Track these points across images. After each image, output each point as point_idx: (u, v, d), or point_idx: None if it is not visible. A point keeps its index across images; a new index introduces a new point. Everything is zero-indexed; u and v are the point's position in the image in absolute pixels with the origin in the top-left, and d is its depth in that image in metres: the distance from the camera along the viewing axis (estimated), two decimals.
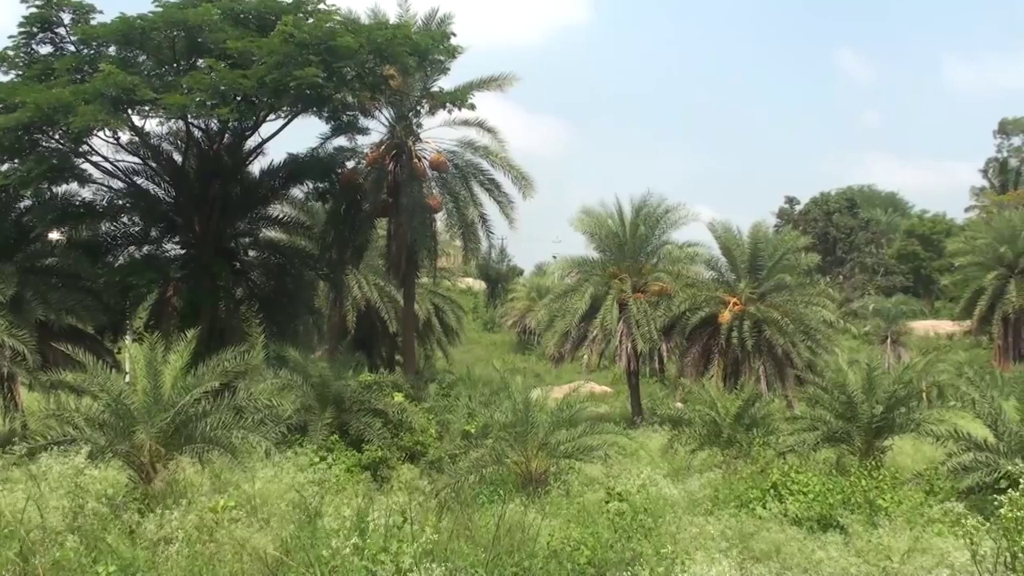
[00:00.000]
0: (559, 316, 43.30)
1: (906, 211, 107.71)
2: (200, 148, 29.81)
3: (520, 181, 34.18)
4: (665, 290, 41.46)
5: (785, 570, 10.81)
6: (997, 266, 59.42)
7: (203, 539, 10.20)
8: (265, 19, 26.82)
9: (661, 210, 43.00)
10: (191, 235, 29.59)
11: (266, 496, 12.50)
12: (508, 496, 14.59)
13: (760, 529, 12.42)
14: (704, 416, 22.95)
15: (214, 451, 14.73)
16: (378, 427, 22.12)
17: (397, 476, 19.29)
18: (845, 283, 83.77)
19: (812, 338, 39.40)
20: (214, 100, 25.13)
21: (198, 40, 26.10)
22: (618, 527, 11.21)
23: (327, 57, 25.46)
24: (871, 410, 20.13)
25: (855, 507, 14.10)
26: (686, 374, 39.19)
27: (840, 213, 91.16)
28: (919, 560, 10.68)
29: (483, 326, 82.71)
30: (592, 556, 10.09)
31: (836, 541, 11.97)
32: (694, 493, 16.26)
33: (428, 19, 32.31)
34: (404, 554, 8.04)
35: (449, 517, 11.53)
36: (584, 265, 45.41)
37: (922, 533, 11.71)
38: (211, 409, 15.11)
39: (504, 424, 18.79)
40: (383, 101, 31.84)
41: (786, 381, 37.75)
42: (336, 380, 23.12)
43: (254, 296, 31.19)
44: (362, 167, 32.95)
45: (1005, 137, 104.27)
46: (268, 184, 31.20)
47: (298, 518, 10.80)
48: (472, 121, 33.66)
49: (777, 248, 41.45)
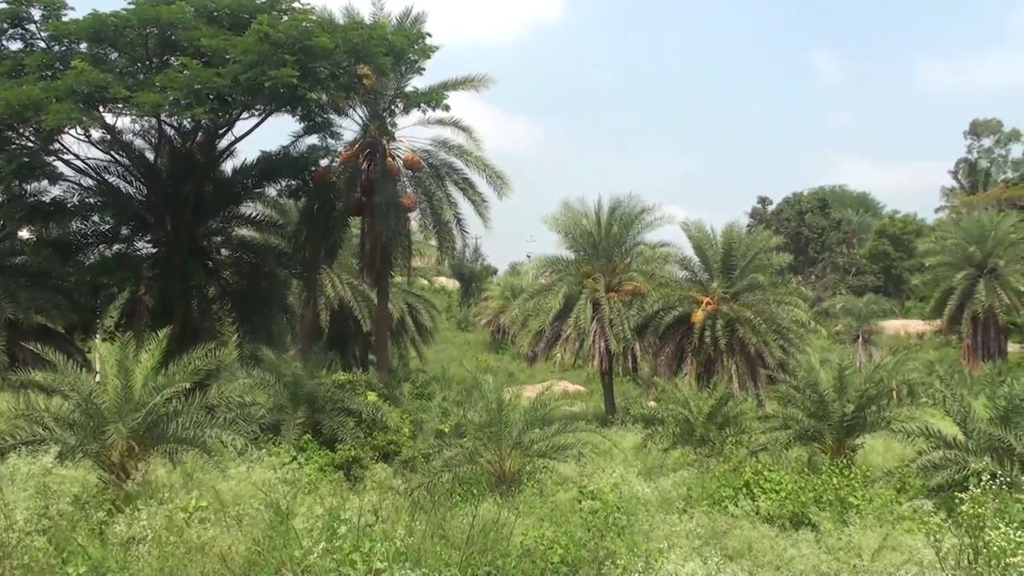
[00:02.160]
0: (533, 315, 43.37)
1: (877, 211, 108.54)
2: (173, 146, 29.61)
3: (495, 180, 34.23)
4: (639, 289, 41.63)
5: (757, 568, 10.88)
6: (966, 266, 59.96)
7: (174, 539, 10.15)
8: (239, 17, 26.67)
9: (636, 210, 43.22)
10: (163, 234, 29.37)
11: (237, 496, 12.45)
12: (482, 495, 14.62)
13: (732, 527, 12.49)
14: (677, 415, 23.07)
15: (185, 451, 14.66)
16: (351, 426, 22.09)
17: (370, 476, 19.27)
18: (817, 283, 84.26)
19: (784, 337, 39.63)
20: (188, 99, 24.93)
21: (171, 38, 25.91)
22: (591, 526, 11.24)
23: (302, 57, 25.36)
24: (842, 409, 20.27)
25: (826, 505, 14.20)
26: (659, 373, 39.33)
27: (812, 213, 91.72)
28: (889, 557, 10.78)
29: (457, 325, 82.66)
30: (565, 555, 10.13)
31: (807, 539, 12.06)
32: (667, 492, 16.31)
33: (402, 18, 32.29)
34: (376, 554, 8.04)
35: (422, 517, 11.52)
36: (558, 264, 45.55)
37: (892, 531, 11.82)
38: (183, 409, 15.04)
39: (478, 423, 18.81)
40: (357, 100, 31.76)
41: (758, 380, 37.96)
42: (309, 379, 23.06)
43: (227, 295, 31.02)
44: (336, 166, 32.86)
45: (976, 138, 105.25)
46: (241, 182, 31.05)
47: (269, 518, 10.76)
48: (447, 120, 33.67)
49: (750, 248, 41.65)
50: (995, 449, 15.79)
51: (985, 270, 59.18)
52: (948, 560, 9.12)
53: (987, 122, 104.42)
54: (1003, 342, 60.69)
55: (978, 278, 58.96)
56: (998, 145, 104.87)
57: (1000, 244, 59.69)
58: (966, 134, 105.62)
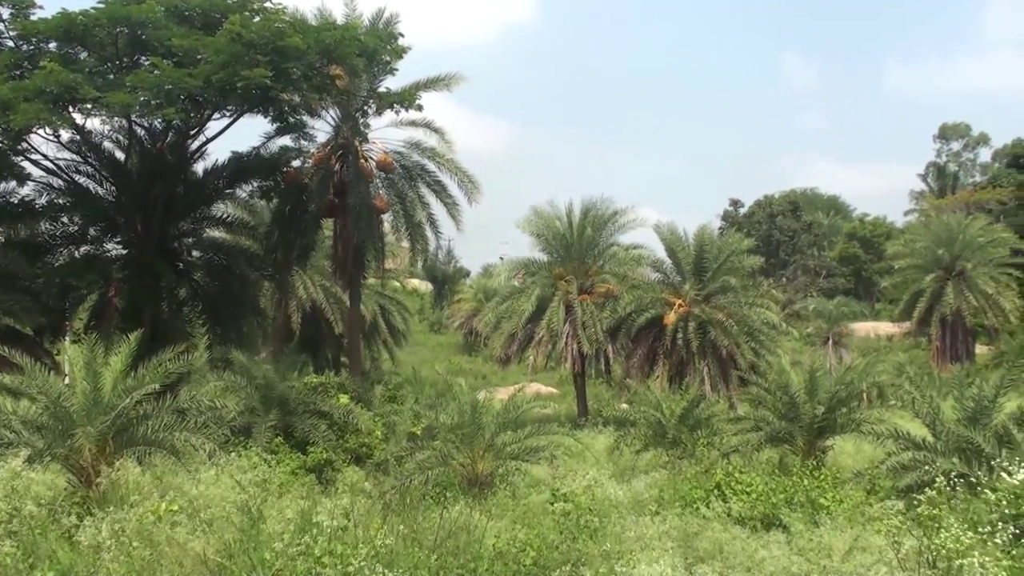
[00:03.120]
0: (506, 318, 43.41)
1: (847, 214, 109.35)
2: (143, 147, 29.42)
3: (466, 185, 34.26)
4: (611, 292, 41.76)
5: (728, 569, 10.92)
6: (935, 269, 60.52)
7: (144, 543, 10.07)
8: (211, 17, 26.54)
9: (608, 212, 43.39)
10: (133, 235, 29.17)
11: (208, 499, 12.36)
12: (454, 498, 14.59)
13: (704, 529, 12.52)
14: (649, 417, 23.13)
15: (156, 454, 14.54)
16: (323, 429, 21.98)
17: (342, 478, 19.18)
18: (788, 285, 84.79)
19: (756, 339, 39.85)
20: (159, 99, 24.79)
21: (142, 37, 25.74)
22: (563, 528, 11.25)
23: (275, 57, 25.27)
24: (813, 410, 20.38)
25: (797, 506, 14.25)
26: (632, 375, 39.45)
27: (783, 216, 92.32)
28: (859, 558, 10.84)
29: (430, 327, 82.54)
30: (538, 557, 10.13)
31: (778, 540, 12.10)
32: (639, 494, 16.36)
33: (375, 19, 32.21)
34: (348, 557, 8.01)
35: (394, 519, 11.49)
36: (531, 267, 45.66)
37: (862, 531, 11.89)
38: (153, 411, 14.92)
39: (450, 426, 18.77)
40: (330, 101, 31.66)
41: (730, 382, 38.15)
42: (281, 382, 22.94)
43: (198, 297, 30.82)
44: (308, 167, 32.75)
45: (945, 142, 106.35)
46: (212, 184, 30.87)
47: (241, 521, 10.70)
48: (419, 122, 33.63)
49: (722, 250, 41.84)
50: (963, 450, 15.93)
51: (954, 273, 59.75)
52: (908, 561, 9.22)
53: (956, 126, 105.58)
54: (971, 344, 61.27)
55: (947, 281, 59.52)
56: (967, 149, 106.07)
57: (968, 247, 60.30)
58: (935, 138, 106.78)
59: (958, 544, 8.56)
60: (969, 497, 11.78)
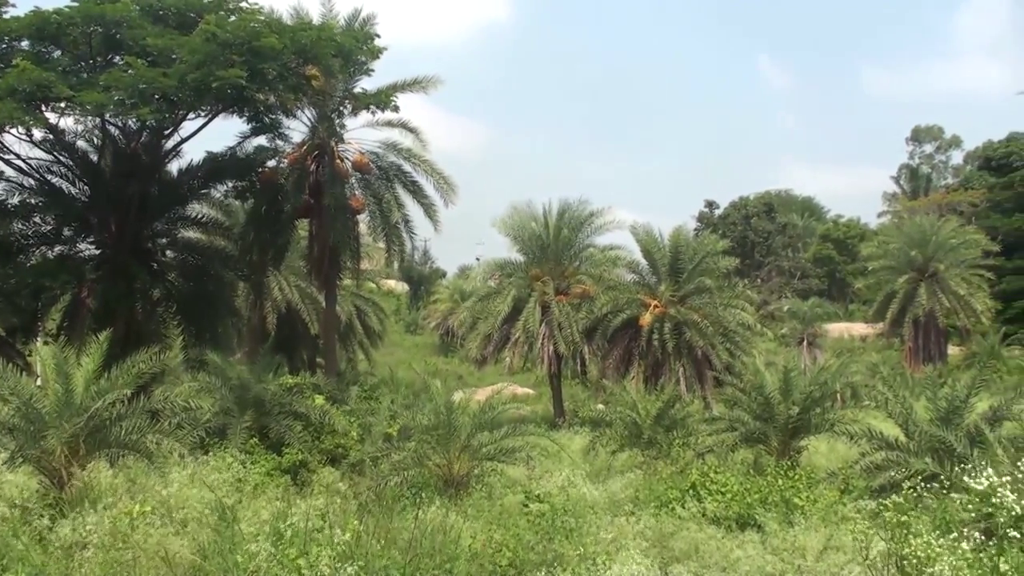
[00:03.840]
0: (482, 318, 43.39)
1: (821, 215, 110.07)
2: (117, 147, 29.21)
3: (442, 186, 34.26)
4: (587, 293, 41.83)
5: (703, 569, 10.98)
6: (908, 270, 60.98)
7: (117, 545, 10.01)
8: (186, 17, 26.42)
9: (584, 213, 43.47)
10: (107, 235, 28.94)
11: (182, 500, 12.31)
12: (430, 499, 14.58)
13: (679, 529, 12.59)
14: (625, 417, 23.17)
15: (129, 456, 14.47)
16: (299, 430, 21.89)
17: (318, 479, 19.13)
18: (763, 286, 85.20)
19: (731, 340, 40.02)
20: (133, 99, 24.62)
21: (116, 36, 25.58)
22: (539, 529, 11.27)
23: (250, 57, 25.16)
24: (788, 411, 20.49)
25: (772, 506, 14.34)
26: (607, 376, 39.49)
27: (758, 217, 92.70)
28: (833, 558, 10.93)
29: (406, 328, 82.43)
30: (513, 558, 10.15)
31: (753, 540, 12.18)
32: (615, 494, 16.41)
33: (351, 20, 32.16)
34: (323, 558, 7.99)
35: (370, 520, 11.47)
36: (507, 267, 45.63)
37: (836, 531, 11.98)
38: (126, 413, 14.83)
39: (426, 426, 18.75)
40: (305, 101, 31.57)
41: (705, 383, 38.30)
42: (256, 383, 22.83)
43: (172, 298, 30.61)
44: (284, 167, 32.64)
45: (917, 144, 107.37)
46: (187, 184, 30.68)
47: (215, 522, 10.65)
48: (395, 122, 33.61)
49: (697, 251, 41.99)
50: (936, 450, 16.06)
51: (926, 274, 60.23)
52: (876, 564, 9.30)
53: (929, 129, 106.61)
54: (944, 345, 61.76)
55: (919, 282, 59.99)
56: (939, 151, 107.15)
57: (941, 249, 60.80)
58: (908, 140, 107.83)
59: (928, 551, 8.63)
60: (941, 497, 11.88)
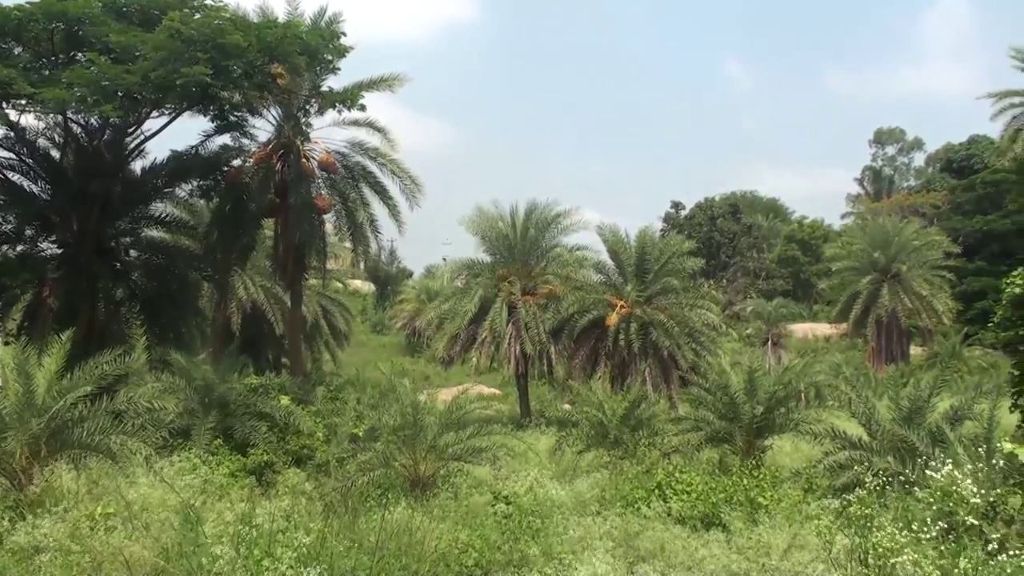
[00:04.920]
0: (448, 318, 43.27)
1: (786, 217, 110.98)
2: (79, 144, 28.89)
3: (409, 186, 34.12)
4: (554, 293, 41.88)
5: (669, 568, 11.02)
6: (871, 271, 61.59)
7: (78, 548, 9.89)
8: (149, 14, 26.18)
9: (551, 214, 43.48)
10: (69, 234, 28.61)
11: (146, 502, 12.19)
12: (396, 499, 14.53)
13: (645, 528, 12.62)
14: (591, 417, 23.22)
15: (91, 457, 14.31)
16: (264, 431, 21.75)
17: (283, 480, 19.03)
18: (728, 287, 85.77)
19: (696, 340, 40.17)
20: (95, 96, 24.36)
21: (78, 33, 25.30)
22: (506, 529, 11.26)
23: (215, 55, 24.97)
24: (752, 410, 20.62)
25: (737, 505, 14.42)
26: (574, 376, 39.54)
27: (724, 218, 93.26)
28: (797, 556, 10.99)
29: (372, 328, 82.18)
30: (480, 558, 10.14)
31: (718, 539, 12.24)
32: (581, 494, 16.43)
33: (317, 18, 31.94)
34: (286, 559, 7.94)
35: (336, 521, 11.41)
36: (474, 267, 45.55)
37: (800, 530, 12.06)
38: (88, 414, 14.68)
39: (393, 427, 18.70)
40: (271, 100, 31.36)
41: (671, 383, 38.42)
42: (221, 383, 22.67)
43: (135, 297, 30.32)
44: (249, 166, 32.39)
45: (880, 146, 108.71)
46: (151, 182, 30.39)
47: (178, 524, 10.56)
48: (362, 121, 33.43)
49: (663, 252, 42.16)
50: (898, 449, 16.25)
51: (889, 275, 60.86)
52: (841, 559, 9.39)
53: (891, 131, 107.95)
54: (906, 345, 62.43)
55: (882, 283, 60.62)
56: (901, 153, 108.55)
57: (903, 250, 61.47)
58: (871, 142, 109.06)
59: (892, 543, 8.72)
60: (903, 495, 12.01)
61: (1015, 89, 54.14)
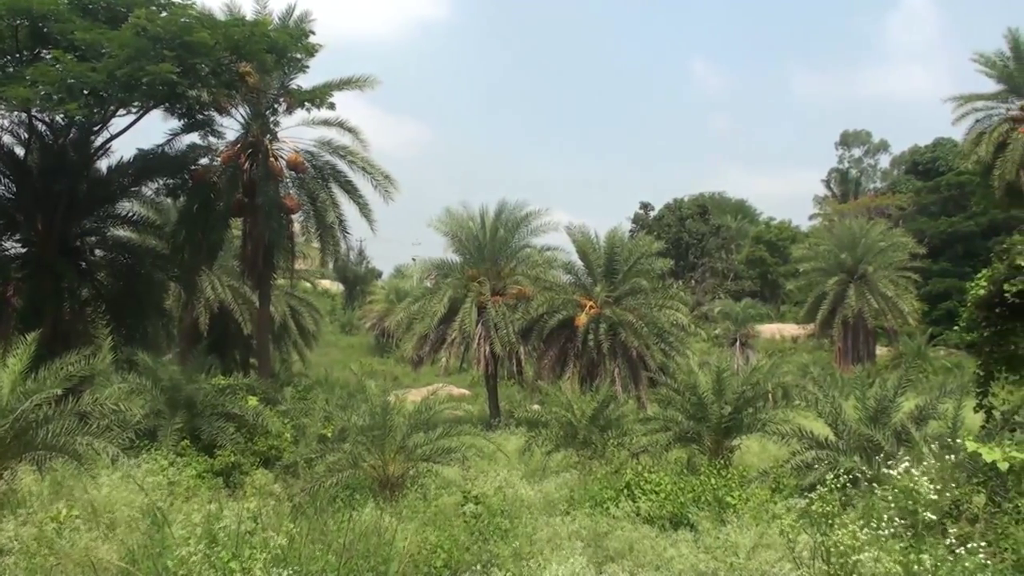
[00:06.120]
0: (418, 319, 43.22)
1: (754, 218, 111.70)
2: (44, 142, 28.62)
3: (381, 183, 34.07)
4: (524, 293, 41.94)
5: (638, 568, 11.04)
6: (838, 272, 62.05)
7: (42, 550, 9.78)
8: (115, 11, 25.95)
9: (521, 214, 43.59)
10: (33, 233, 28.32)
11: (111, 504, 12.07)
12: (365, 500, 14.48)
13: (614, 528, 12.63)
14: (560, 418, 23.21)
15: (56, 459, 14.15)
16: (231, 432, 21.63)
17: (251, 481, 18.90)
18: (697, 287, 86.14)
19: (665, 341, 40.35)
20: (60, 93, 24.15)
21: (43, 30, 25.04)
22: (475, 529, 11.25)
23: (182, 53, 24.81)
24: (720, 411, 20.68)
25: (705, 505, 14.45)
26: (543, 376, 39.57)
27: (693, 219, 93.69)
28: (764, 555, 11.04)
29: (341, 329, 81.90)
30: (448, 559, 10.12)
31: (686, 538, 12.27)
32: (550, 494, 16.42)
33: (285, 16, 31.84)
34: (255, 561, 7.89)
35: (304, 522, 11.36)
36: (443, 268, 45.55)
37: (767, 529, 12.11)
38: (53, 415, 14.51)
39: (361, 427, 18.62)
40: (239, 98, 31.21)
41: (640, 383, 38.56)
42: (188, 384, 22.51)
43: (101, 297, 30.04)
44: (217, 165, 32.22)
45: (846, 148, 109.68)
46: (117, 181, 30.13)
47: (145, 526, 10.46)
48: (332, 121, 33.40)
49: (632, 253, 42.31)
50: (864, 448, 16.35)
51: (855, 276, 61.36)
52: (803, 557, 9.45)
53: (857, 133, 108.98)
54: (872, 345, 62.98)
55: (849, 284, 61.10)
56: (867, 155, 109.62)
57: (869, 251, 61.96)
58: (837, 144, 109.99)
59: (854, 540, 8.79)
60: (868, 493, 12.09)
61: (979, 93, 54.81)
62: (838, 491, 10.33)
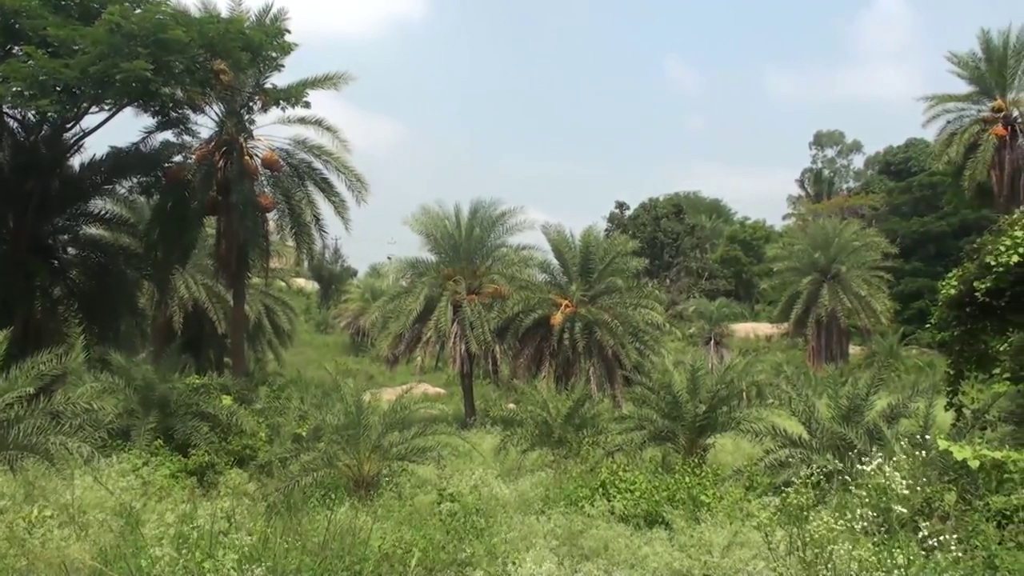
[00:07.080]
0: (393, 318, 43.17)
1: (729, 217, 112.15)
2: (15, 139, 28.37)
3: (355, 184, 34.00)
4: (499, 292, 41.94)
5: (613, 566, 11.07)
6: (812, 271, 62.37)
7: (14, 551, 9.71)
8: (89, 7, 25.75)
9: (497, 213, 43.60)
10: (4, 231, 28.09)
11: (84, 504, 11.99)
12: (340, 499, 14.44)
13: (589, 527, 12.66)
14: (536, 417, 23.27)
15: (28, 458, 14.06)
16: (205, 431, 21.54)
17: (225, 481, 18.81)
18: (672, 286, 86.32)
19: (640, 339, 40.50)
20: (32, 90, 23.96)
21: (15, 26, 24.83)
22: (450, 528, 11.25)
23: (156, 50, 24.67)
24: (695, 409, 20.79)
25: (679, 504, 14.51)
26: (519, 375, 39.61)
27: (668, 219, 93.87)
28: (738, 553, 11.10)
29: (316, 328, 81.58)
30: (423, 558, 10.11)
31: (661, 537, 12.31)
32: (525, 493, 16.44)
33: (261, 14, 31.71)
34: (228, 561, 7.86)
35: (278, 522, 11.32)
36: (419, 266, 45.49)
37: (741, 527, 12.18)
38: (25, 414, 14.43)
39: (336, 427, 18.59)
40: (213, 96, 31.05)
41: (615, 382, 38.67)
42: (161, 383, 22.40)
43: (73, 296, 29.80)
44: (191, 163, 32.04)
45: (820, 148, 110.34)
46: (90, 179, 29.90)
47: (118, 526, 10.40)
48: (308, 119, 33.33)
49: (607, 252, 42.41)
50: (837, 447, 16.49)
51: (829, 275, 61.72)
52: (779, 549, 9.52)
53: (830, 133, 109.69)
54: (845, 344, 63.36)
55: (822, 283, 61.45)
56: (840, 155, 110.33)
57: (843, 251, 62.33)
58: (811, 144, 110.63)
59: (828, 532, 8.87)
60: (841, 490, 12.20)
61: (951, 94, 55.20)
62: (812, 488, 10.41)
